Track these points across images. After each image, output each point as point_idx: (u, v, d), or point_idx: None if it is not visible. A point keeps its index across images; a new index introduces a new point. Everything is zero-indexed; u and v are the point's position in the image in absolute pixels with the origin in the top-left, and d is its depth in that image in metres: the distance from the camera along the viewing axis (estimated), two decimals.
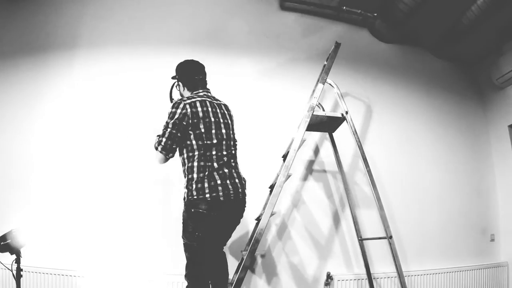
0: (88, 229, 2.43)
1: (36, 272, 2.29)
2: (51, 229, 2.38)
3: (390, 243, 2.13)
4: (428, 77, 3.43)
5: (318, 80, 2.44)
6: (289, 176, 2.04)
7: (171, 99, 2.09)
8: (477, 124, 3.49)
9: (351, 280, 2.66)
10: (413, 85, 3.35)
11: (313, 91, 2.60)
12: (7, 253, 1.74)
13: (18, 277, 1.73)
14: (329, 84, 2.48)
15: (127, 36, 2.81)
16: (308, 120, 2.15)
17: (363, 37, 3.30)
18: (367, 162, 2.27)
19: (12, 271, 1.73)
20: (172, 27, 2.88)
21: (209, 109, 1.76)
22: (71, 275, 2.28)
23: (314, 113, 2.19)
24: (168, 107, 1.97)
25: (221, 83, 2.81)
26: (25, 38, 2.74)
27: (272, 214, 1.92)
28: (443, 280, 2.86)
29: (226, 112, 1.87)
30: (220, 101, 1.92)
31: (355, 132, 2.33)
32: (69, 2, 2.84)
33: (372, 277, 2.61)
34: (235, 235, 2.54)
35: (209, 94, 1.89)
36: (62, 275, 2.30)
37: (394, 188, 2.98)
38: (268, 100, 2.90)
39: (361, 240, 2.61)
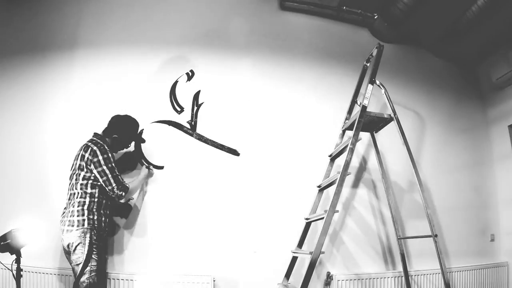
0: None
1: (36, 272, 2.29)
2: (51, 229, 2.37)
3: (435, 242, 2.23)
4: (428, 77, 3.43)
5: (364, 82, 2.64)
6: (349, 174, 2.17)
7: (173, 99, 2.12)
8: (477, 124, 3.49)
9: (350, 280, 2.66)
10: (413, 85, 3.34)
11: (354, 92, 2.83)
12: (7, 253, 1.74)
13: (18, 277, 1.73)
14: (378, 85, 2.60)
15: (127, 36, 2.81)
16: (362, 120, 2.31)
17: (363, 37, 3.30)
18: (415, 164, 2.42)
19: (12, 271, 1.73)
20: (172, 27, 2.88)
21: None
22: (71, 275, 2.27)
23: (366, 113, 2.35)
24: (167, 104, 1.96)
25: (220, 82, 2.83)
26: (25, 38, 2.74)
27: (335, 212, 2.05)
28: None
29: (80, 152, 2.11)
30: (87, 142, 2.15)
31: (402, 133, 2.47)
32: (69, 2, 2.84)
33: (409, 275, 2.70)
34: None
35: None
36: (62, 275, 2.30)
37: (395, 187, 2.99)
38: (268, 99, 2.91)
39: (400, 239, 2.72)
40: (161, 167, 2.58)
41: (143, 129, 2.59)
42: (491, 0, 2.73)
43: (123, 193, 2.09)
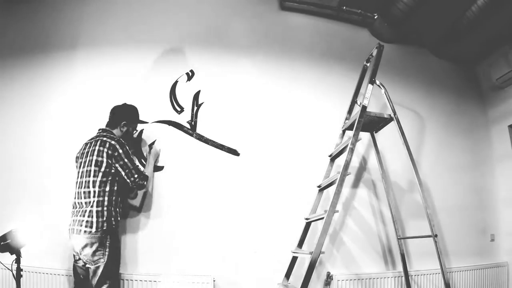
0: None
1: (36, 272, 2.29)
2: (51, 229, 2.37)
3: (435, 242, 2.25)
4: (428, 77, 3.43)
5: (364, 82, 2.66)
6: (349, 174, 2.17)
7: (173, 99, 2.14)
8: (477, 124, 3.49)
9: (350, 280, 2.66)
10: (413, 85, 3.35)
11: (354, 92, 2.84)
12: (7, 253, 1.74)
13: (18, 277, 1.73)
14: (378, 85, 2.61)
15: (127, 35, 2.81)
16: (362, 120, 2.32)
17: (363, 37, 3.30)
18: (415, 164, 2.43)
19: (12, 271, 1.73)
20: (172, 27, 2.88)
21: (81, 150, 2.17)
22: (71, 275, 2.27)
23: (366, 113, 2.35)
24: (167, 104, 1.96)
25: (220, 82, 2.83)
26: (25, 38, 2.74)
27: (335, 212, 2.05)
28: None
29: (93, 148, 2.08)
30: (99, 137, 2.12)
31: (402, 133, 2.48)
32: (69, 2, 2.84)
33: (409, 275, 2.71)
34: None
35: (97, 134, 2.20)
36: (62, 275, 2.30)
37: (395, 187, 2.99)
38: (268, 99, 2.91)
39: (400, 239, 2.73)
40: (161, 167, 2.58)
41: (143, 129, 2.60)
42: (491, 0, 2.73)
43: (145, 182, 2.17)
